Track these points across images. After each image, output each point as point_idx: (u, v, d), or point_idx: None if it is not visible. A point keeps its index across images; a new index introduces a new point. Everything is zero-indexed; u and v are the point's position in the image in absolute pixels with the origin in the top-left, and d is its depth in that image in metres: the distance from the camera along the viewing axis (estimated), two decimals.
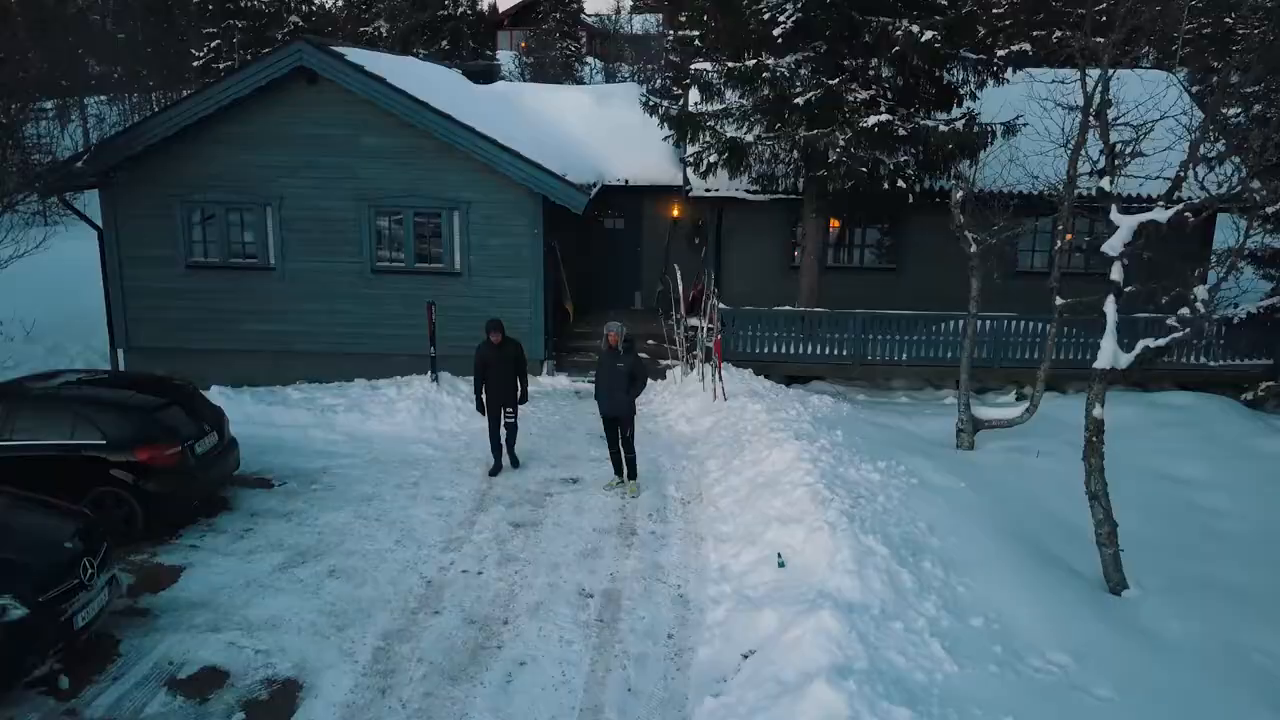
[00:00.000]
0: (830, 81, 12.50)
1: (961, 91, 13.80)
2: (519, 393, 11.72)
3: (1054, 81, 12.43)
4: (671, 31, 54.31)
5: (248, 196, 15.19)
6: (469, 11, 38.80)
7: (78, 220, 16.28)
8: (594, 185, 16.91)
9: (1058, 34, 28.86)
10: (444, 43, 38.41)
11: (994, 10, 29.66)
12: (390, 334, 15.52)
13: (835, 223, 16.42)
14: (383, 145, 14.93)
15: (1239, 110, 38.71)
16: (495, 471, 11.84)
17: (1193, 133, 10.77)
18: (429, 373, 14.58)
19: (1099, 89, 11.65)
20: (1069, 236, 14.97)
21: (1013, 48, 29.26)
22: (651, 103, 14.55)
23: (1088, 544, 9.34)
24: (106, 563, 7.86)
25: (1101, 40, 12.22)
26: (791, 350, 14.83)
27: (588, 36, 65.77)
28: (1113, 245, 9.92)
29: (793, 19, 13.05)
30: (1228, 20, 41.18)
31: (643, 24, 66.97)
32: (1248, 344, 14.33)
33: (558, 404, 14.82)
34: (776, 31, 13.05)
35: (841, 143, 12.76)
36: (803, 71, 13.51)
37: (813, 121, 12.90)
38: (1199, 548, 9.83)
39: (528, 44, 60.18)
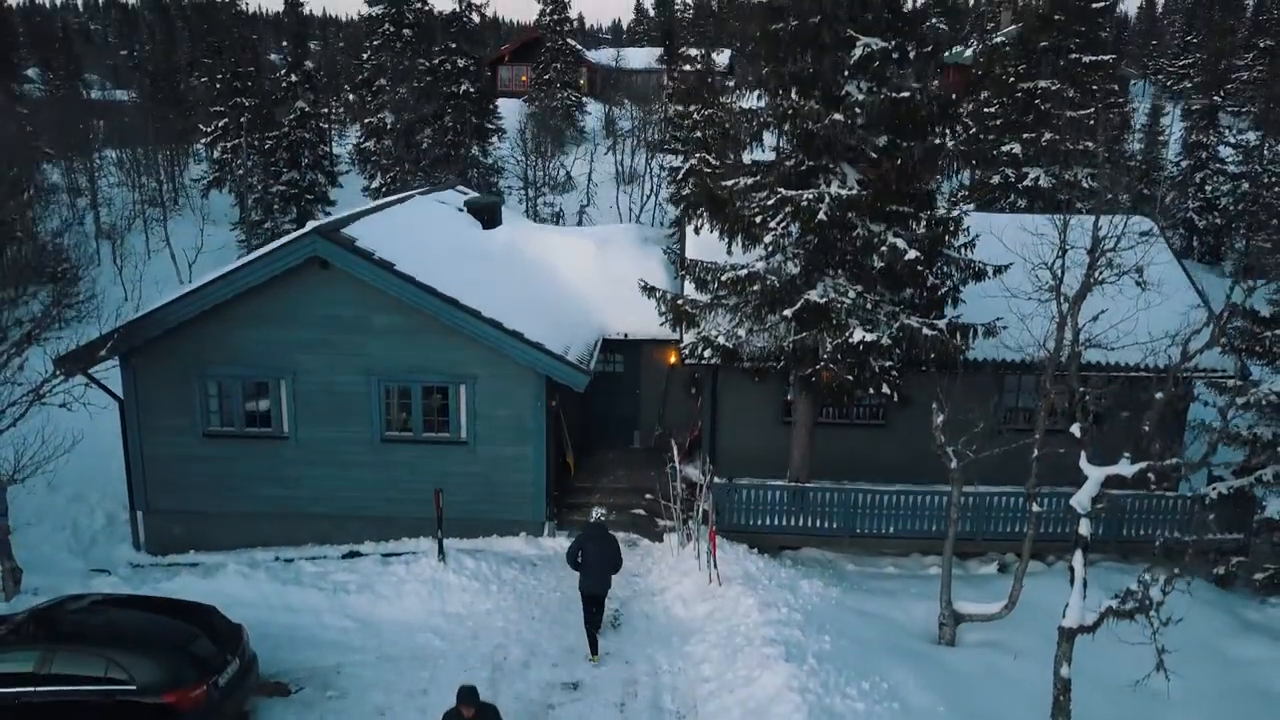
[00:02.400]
0: (818, 300, 13.17)
1: (944, 289, 14.44)
2: None
3: (1030, 297, 13.13)
4: (670, 82, 55.32)
5: (262, 371, 15.85)
6: (471, 88, 39.44)
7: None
8: (595, 344, 17.59)
9: (1046, 136, 29.63)
10: (446, 119, 39.12)
11: (986, 110, 30.41)
12: (397, 498, 16.17)
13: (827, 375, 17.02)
14: (392, 323, 15.60)
15: (1229, 186, 39.19)
16: None
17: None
18: (436, 546, 15.18)
19: (1070, 325, 12.35)
20: (1051, 397, 15.65)
21: (1003, 149, 30.17)
22: (648, 286, 15.21)
23: None
24: None
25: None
26: (783, 522, 15.49)
27: (588, 74, 66.77)
28: (1080, 501, 10.58)
29: (782, 224, 13.75)
30: (1220, 93, 41.97)
31: (644, 60, 68.19)
32: (1221, 520, 14.96)
33: (558, 573, 15.37)
34: (768, 238, 13.76)
35: (830, 346, 13.44)
36: (794, 270, 14.20)
37: (802, 325, 13.58)
38: None
39: (528, 79, 61.37)
